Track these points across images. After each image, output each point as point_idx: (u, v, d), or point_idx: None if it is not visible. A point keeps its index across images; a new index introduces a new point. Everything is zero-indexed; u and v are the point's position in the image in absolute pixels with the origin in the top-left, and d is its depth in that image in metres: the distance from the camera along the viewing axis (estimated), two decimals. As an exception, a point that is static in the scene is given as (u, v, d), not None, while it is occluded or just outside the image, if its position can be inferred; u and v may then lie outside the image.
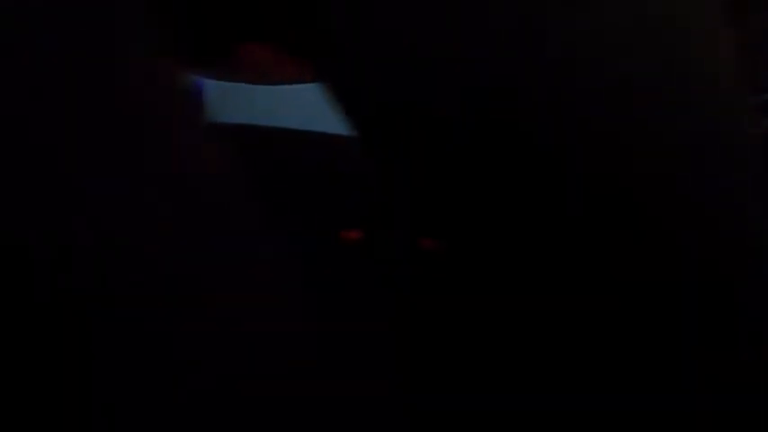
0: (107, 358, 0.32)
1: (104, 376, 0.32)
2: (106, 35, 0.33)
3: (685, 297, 0.39)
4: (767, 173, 0.41)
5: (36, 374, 0.31)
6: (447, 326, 0.44)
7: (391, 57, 0.38)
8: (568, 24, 0.37)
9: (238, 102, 0.53)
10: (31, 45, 0.31)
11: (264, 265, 0.35)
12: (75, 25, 0.32)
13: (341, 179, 0.54)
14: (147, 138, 0.33)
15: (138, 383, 0.32)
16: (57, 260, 0.31)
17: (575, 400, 0.40)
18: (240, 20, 0.46)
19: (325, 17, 0.38)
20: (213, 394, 0.33)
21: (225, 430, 0.33)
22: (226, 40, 0.49)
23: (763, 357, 0.40)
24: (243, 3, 0.46)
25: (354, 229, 0.52)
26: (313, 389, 0.35)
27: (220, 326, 0.33)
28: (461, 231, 0.40)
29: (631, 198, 0.38)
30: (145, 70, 0.34)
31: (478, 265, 0.40)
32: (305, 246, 0.38)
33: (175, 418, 0.33)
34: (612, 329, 0.39)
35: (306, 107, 0.54)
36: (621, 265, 0.39)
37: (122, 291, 0.32)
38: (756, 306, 0.40)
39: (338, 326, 0.36)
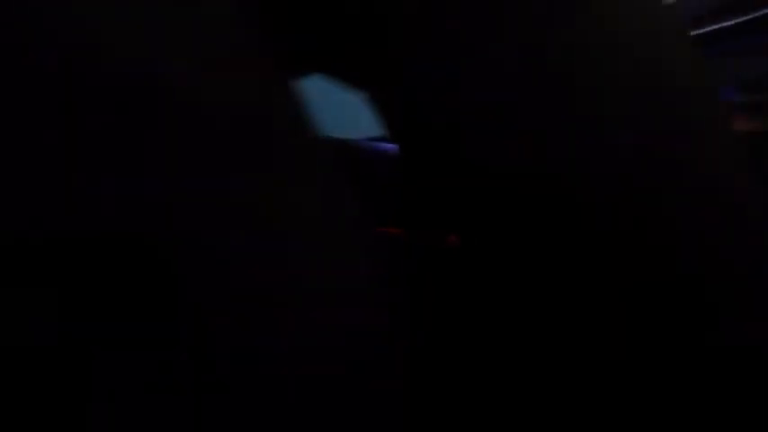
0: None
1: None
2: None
3: (687, 296, 0.40)
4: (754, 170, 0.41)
5: (46, 379, 0.32)
6: (461, 323, 0.45)
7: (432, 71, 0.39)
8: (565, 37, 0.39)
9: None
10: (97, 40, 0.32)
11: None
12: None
13: (372, 179, 0.56)
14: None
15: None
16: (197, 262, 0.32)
17: (576, 401, 0.41)
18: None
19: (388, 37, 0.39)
20: (212, 393, 0.33)
21: (225, 430, 0.33)
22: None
23: (764, 357, 0.40)
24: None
25: (392, 226, 0.53)
26: (313, 388, 0.35)
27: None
28: (483, 229, 0.41)
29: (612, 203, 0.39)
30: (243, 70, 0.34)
31: (498, 261, 0.41)
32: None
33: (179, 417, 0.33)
34: (616, 329, 0.40)
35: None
36: (622, 263, 0.40)
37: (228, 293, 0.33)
38: (757, 306, 0.41)
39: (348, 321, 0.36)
